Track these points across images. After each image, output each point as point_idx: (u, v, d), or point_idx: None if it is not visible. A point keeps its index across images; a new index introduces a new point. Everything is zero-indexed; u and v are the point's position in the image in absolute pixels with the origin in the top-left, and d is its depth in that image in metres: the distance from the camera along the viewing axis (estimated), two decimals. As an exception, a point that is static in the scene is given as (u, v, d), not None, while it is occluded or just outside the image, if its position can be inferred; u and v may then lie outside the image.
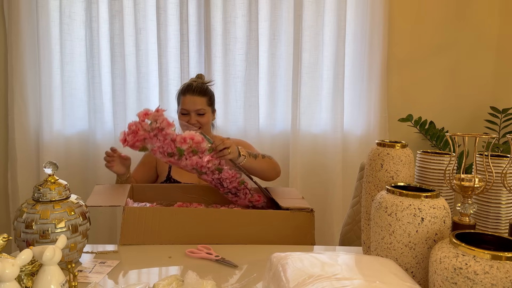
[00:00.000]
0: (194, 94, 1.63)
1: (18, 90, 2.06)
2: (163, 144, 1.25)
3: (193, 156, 1.28)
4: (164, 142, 1.25)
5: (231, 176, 1.35)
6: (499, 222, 1.06)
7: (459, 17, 2.31)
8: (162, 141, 1.25)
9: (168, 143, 1.25)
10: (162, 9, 2.08)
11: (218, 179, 1.34)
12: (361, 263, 0.75)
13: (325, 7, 2.19)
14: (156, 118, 1.25)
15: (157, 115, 1.25)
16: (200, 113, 1.63)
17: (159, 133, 1.25)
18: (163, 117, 1.26)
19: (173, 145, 1.25)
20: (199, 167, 1.29)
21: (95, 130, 2.15)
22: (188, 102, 1.62)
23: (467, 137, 0.97)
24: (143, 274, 1.01)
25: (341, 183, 2.24)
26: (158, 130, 1.24)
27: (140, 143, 1.27)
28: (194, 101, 1.62)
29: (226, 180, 1.35)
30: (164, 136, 1.24)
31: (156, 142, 1.25)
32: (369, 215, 1.02)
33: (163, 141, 1.25)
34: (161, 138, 1.25)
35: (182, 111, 1.64)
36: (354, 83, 2.28)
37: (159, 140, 1.25)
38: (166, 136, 1.25)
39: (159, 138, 1.25)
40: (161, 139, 1.25)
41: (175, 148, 1.25)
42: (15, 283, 0.70)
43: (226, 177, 1.34)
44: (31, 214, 0.95)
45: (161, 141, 1.25)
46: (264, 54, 2.20)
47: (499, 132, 2.27)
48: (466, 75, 2.36)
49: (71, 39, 2.10)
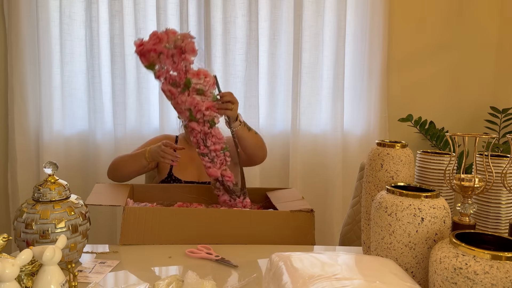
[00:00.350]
0: None
1: (18, 90, 2.06)
2: (174, 68, 1.18)
3: (196, 95, 1.22)
4: (176, 67, 1.18)
5: (218, 137, 1.30)
6: (499, 222, 1.06)
7: (459, 17, 2.31)
8: (175, 64, 1.18)
9: (180, 69, 1.18)
10: (162, 9, 2.08)
11: (205, 133, 1.29)
12: (361, 263, 0.75)
13: (325, 7, 2.19)
14: (184, 38, 1.18)
15: (187, 35, 1.19)
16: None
17: (177, 55, 1.17)
18: (191, 41, 1.19)
19: (183, 74, 1.19)
20: (196, 110, 1.23)
21: (95, 130, 2.15)
22: None
23: (467, 137, 0.97)
24: (143, 274, 1.01)
25: (341, 183, 2.24)
26: (179, 51, 1.17)
27: (153, 55, 1.19)
28: None
29: (212, 138, 1.29)
30: (180, 60, 1.17)
31: (168, 64, 1.19)
32: (369, 215, 1.02)
33: (176, 65, 1.18)
34: (176, 60, 1.17)
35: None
36: (354, 83, 2.28)
37: (174, 62, 1.17)
38: (182, 62, 1.17)
39: (174, 60, 1.17)
40: (175, 62, 1.17)
41: (184, 78, 1.19)
42: (15, 283, 0.70)
43: (214, 134, 1.29)
44: (31, 214, 0.95)
45: (174, 64, 1.18)
46: (264, 54, 2.20)
47: (499, 132, 2.27)
48: (466, 75, 2.36)
49: (71, 39, 2.10)
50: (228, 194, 1.39)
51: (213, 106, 1.26)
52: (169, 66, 1.20)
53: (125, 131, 2.14)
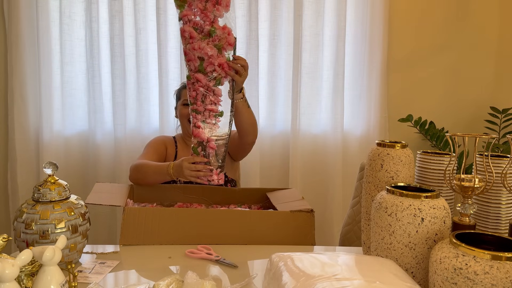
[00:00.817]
0: None
1: (18, 90, 2.06)
2: (203, 15, 1.17)
3: (212, 48, 1.21)
4: (206, 14, 1.18)
5: (218, 98, 1.28)
6: (499, 222, 1.06)
7: (459, 17, 2.32)
8: (205, 11, 1.18)
9: (208, 17, 1.18)
10: (162, 9, 2.08)
11: (207, 89, 1.26)
12: (361, 264, 0.75)
13: (325, 7, 2.19)
14: None
15: None
16: None
17: (211, 3, 1.18)
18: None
19: (209, 23, 1.18)
20: (208, 61, 1.22)
21: (95, 130, 2.15)
22: None
23: (467, 137, 0.97)
24: (143, 274, 1.01)
25: (341, 183, 2.24)
26: (214, 0, 1.19)
27: None
28: None
29: (212, 97, 1.27)
30: (211, 9, 1.17)
31: (199, 8, 1.19)
32: (369, 215, 1.02)
33: (206, 12, 1.18)
34: (208, 8, 1.17)
35: (184, 102, 1.61)
36: (354, 83, 2.28)
37: (205, 8, 1.18)
38: (213, 11, 1.17)
39: (206, 7, 1.18)
40: (207, 9, 1.17)
41: (210, 26, 1.18)
42: (15, 284, 0.69)
43: (216, 94, 1.27)
44: (31, 214, 0.95)
45: (205, 11, 1.18)
46: (264, 54, 2.20)
47: (499, 132, 2.27)
48: (466, 75, 2.36)
49: (71, 39, 2.10)
50: (206, 163, 1.33)
51: (225, 64, 1.25)
52: (198, 10, 1.19)
53: (125, 131, 2.14)
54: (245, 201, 1.51)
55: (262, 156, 2.22)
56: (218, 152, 1.34)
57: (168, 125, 2.14)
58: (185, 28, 1.22)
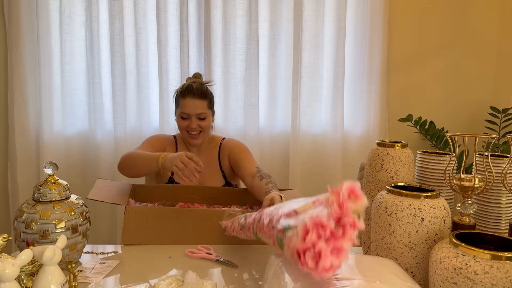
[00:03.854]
0: (195, 97, 1.53)
1: (18, 90, 2.06)
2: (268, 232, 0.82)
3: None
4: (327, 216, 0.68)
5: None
6: (499, 222, 1.06)
7: (459, 17, 2.32)
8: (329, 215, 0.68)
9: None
10: (162, 9, 2.08)
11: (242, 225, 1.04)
12: (361, 263, 0.75)
13: (325, 7, 2.19)
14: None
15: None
16: (201, 117, 1.55)
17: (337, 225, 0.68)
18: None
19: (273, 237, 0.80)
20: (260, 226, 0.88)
21: (95, 130, 2.15)
22: (189, 105, 1.53)
23: (467, 137, 0.97)
24: (143, 274, 1.01)
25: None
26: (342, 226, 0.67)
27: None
28: (195, 104, 1.53)
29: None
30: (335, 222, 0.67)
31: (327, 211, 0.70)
32: (369, 215, 1.02)
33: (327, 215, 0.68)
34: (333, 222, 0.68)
35: (182, 115, 1.55)
36: (354, 83, 2.28)
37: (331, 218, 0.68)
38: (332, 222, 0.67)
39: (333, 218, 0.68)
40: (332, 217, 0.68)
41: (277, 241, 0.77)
42: (15, 283, 0.70)
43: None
44: (31, 214, 0.95)
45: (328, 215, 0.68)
46: (264, 54, 2.20)
47: (499, 132, 2.27)
48: (466, 75, 2.36)
49: (71, 39, 2.10)
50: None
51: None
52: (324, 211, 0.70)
53: (125, 131, 2.14)
54: (247, 202, 1.51)
55: (262, 156, 2.22)
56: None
57: (168, 125, 2.14)
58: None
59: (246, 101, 2.18)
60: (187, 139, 1.59)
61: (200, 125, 1.56)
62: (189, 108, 1.54)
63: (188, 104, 1.54)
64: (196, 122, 1.55)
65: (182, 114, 1.56)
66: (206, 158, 1.61)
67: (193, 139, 1.57)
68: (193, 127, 1.54)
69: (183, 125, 1.56)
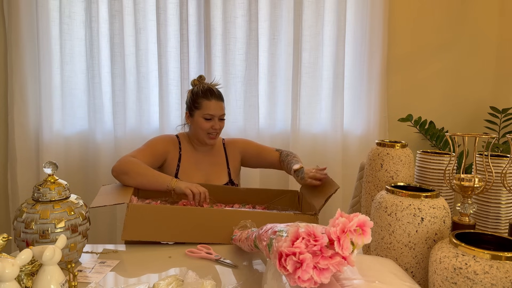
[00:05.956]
0: (219, 100, 1.61)
1: (18, 90, 2.06)
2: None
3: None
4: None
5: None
6: (499, 222, 1.06)
7: (459, 17, 2.32)
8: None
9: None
10: (162, 9, 2.08)
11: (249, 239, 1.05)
12: (361, 263, 0.75)
13: (325, 7, 2.19)
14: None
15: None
16: (222, 118, 1.63)
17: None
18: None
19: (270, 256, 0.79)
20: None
21: (95, 130, 2.15)
22: (215, 107, 1.60)
23: (467, 137, 0.97)
24: (143, 274, 1.01)
25: (341, 182, 2.24)
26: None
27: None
28: (220, 106, 1.61)
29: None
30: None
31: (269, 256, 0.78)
32: (369, 215, 1.02)
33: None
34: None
35: (207, 116, 1.59)
36: (354, 83, 2.28)
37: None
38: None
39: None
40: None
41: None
42: (15, 283, 0.70)
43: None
44: (31, 214, 0.95)
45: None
46: (264, 54, 2.20)
47: (499, 132, 2.27)
48: (466, 75, 2.37)
49: (71, 39, 2.10)
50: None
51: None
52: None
53: (125, 131, 2.14)
54: (249, 201, 1.51)
55: (262, 156, 2.22)
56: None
57: (168, 125, 2.14)
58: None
59: (246, 101, 2.18)
60: (205, 139, 1.61)
61: (220, 126, 1.63)
62: (214, 109, 1.60)
63: (213, 106, 1.60)
64: (218, 123, 1.62)
65: (207, 115, 1.60)
66: (215, 158, 1.67)
67: (211, 139, 1.62)
68: (217, 127, 1.61)
69: (206, 126, 1.59)
